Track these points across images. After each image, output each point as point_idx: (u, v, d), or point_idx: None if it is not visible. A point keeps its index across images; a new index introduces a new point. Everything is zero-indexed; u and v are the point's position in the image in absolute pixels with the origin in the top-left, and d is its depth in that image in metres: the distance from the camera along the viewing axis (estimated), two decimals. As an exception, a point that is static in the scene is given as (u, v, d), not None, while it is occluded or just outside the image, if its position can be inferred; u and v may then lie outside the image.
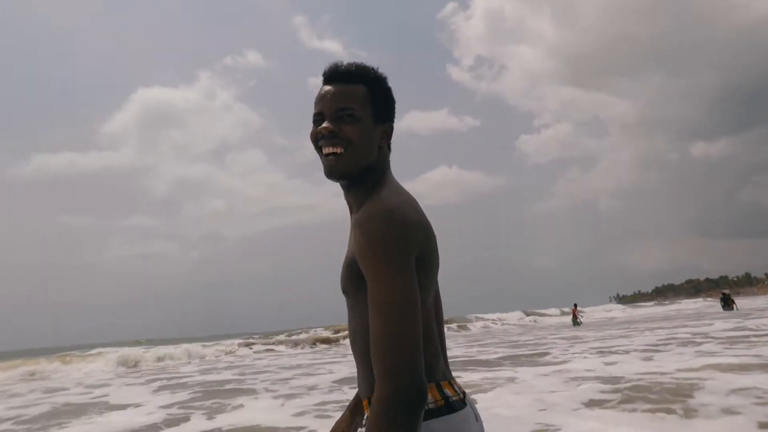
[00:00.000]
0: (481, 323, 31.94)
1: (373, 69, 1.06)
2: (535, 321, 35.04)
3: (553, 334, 18.40)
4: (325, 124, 1.00)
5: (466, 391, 1.06)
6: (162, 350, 16.95)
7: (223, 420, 5.71)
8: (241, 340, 22.82)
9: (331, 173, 1.01)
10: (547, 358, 9.89)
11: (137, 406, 7.24)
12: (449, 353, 1.09)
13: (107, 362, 14.19)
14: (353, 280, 0.97)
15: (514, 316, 36.49)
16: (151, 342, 24.86)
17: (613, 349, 10.41)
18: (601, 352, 10.00)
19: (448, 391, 0.98)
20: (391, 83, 1.08)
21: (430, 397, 0.94)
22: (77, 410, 7.13)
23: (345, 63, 1.05)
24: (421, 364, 0.84)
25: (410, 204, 0.97)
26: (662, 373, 6.57)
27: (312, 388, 7.92)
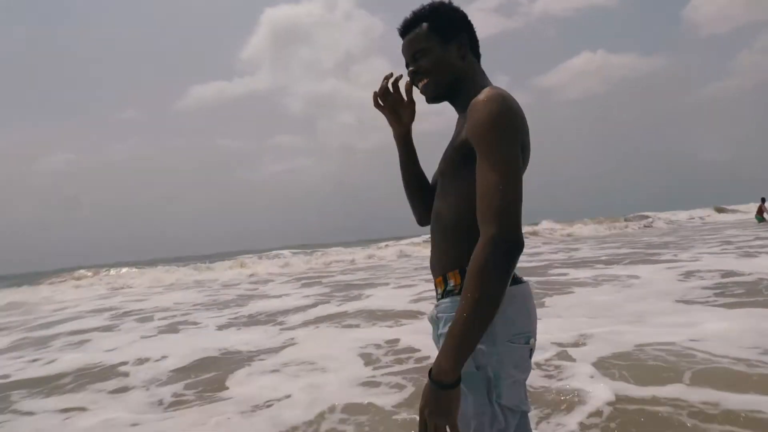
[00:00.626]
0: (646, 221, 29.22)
1: (430, 4, 1.20)
2: (702, 219, 30.53)
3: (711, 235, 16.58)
4: (408, 69, 1.24)
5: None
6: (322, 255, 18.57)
7: (350, 305, 6.85)
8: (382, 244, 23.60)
9: (428, 100, 1.23)
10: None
11: (288, 295, 8.91)
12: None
13: (270, 265, 16.77)
14: (456, 161, 1.11)
15: (689, 214, 31.90)
16: (306, 246, 28.18)
17: None
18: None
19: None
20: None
21: None
22: (242, 299, 9.03)
23: (408, 15, 1.22)
24: (519, 220, 0.98)
25: (511, 97, 1.08)
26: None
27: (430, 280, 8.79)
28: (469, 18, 1.21)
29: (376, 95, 1.34)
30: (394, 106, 1.35)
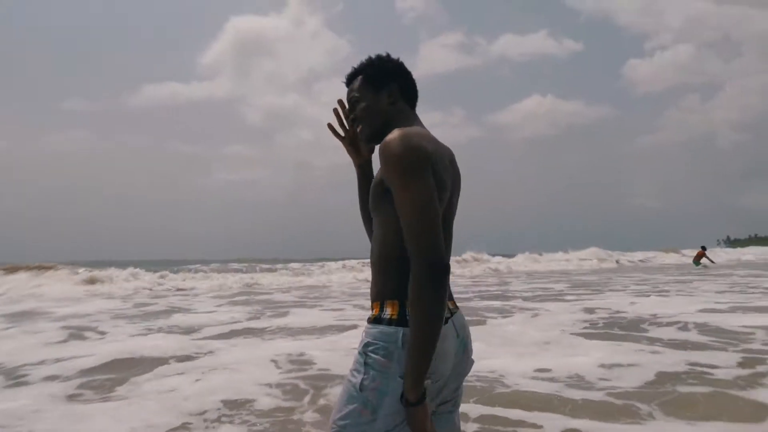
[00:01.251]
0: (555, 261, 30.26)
1: (367, 58, 1.35)
2: (617, 263, 31.57)
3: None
4: (350, 117, 1.40)
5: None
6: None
7: (270, 322, 7.12)
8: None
9: (365, 142, 1.40)
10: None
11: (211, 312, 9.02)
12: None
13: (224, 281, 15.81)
14: (378, 197, 1.19)
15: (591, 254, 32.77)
16: (252, 260, 27.43)
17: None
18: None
19: None
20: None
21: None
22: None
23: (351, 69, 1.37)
24: (442, 246, 1.07)
25: (421, 134, 1.18)
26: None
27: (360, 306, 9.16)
28: (405, 67, 1.36)
29: (331, 126, 1.46)
30: (352, 137, 1.44)
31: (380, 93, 1.31)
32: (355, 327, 6.35)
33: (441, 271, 1.06)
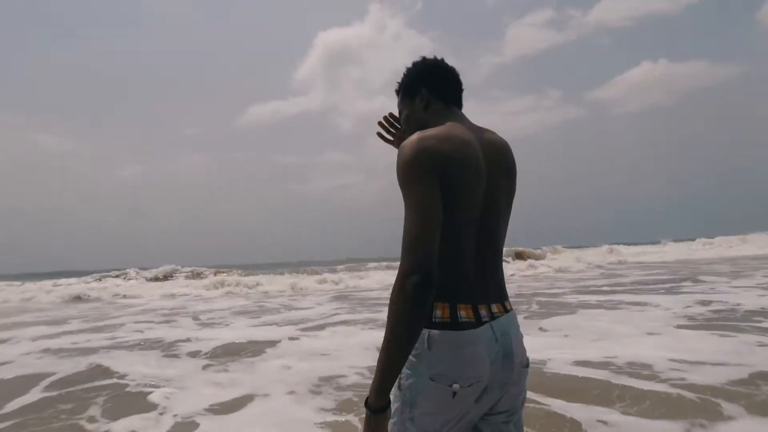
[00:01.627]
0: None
1: (404, 73, 1.37)
2: None
3: None
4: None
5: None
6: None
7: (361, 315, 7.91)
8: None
9: None
10: None
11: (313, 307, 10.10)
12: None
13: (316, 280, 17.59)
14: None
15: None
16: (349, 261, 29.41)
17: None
18: None
19: (463, 314, 1.11)
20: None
21: (438, 313, 1.09)
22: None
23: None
24: (429, 254, 1.02)
25: (438, 134, 1.13)
26: None
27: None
28: (439, 65, 1.34)
29: (380, 134, 1.51)
30: (401, 139, 1.43)
31: (414, 100, 1.34)
32: None
33: (420, 281, 1.00)
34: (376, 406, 1.05)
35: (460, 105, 1.35)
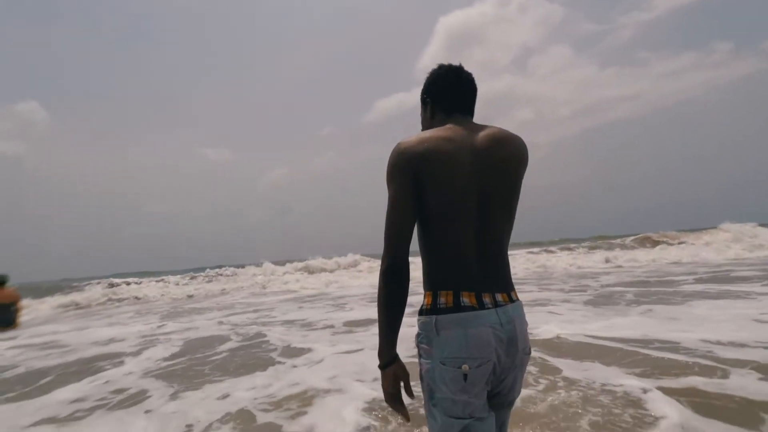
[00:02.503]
0: None
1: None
2: None
3: None
4: None
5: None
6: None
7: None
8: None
9: None
10: None
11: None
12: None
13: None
14: None
15: None
16: None
17: None
18: None
19: (466, 300, 1.20)
20: None
21: (442, 300, 1.21)
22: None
23: None
24: (394, 248, 1.20)
25: (417, 137, 1.26)
26: None
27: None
28: (447, 75, 1.39)
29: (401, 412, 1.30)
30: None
31: (425, 109, 1.45)
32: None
33: (390, 268, 1.19)
34: (381, 364, 1.25)
35: (467, 110, 1.40)
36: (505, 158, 1.27)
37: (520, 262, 16.67)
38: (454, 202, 1.21)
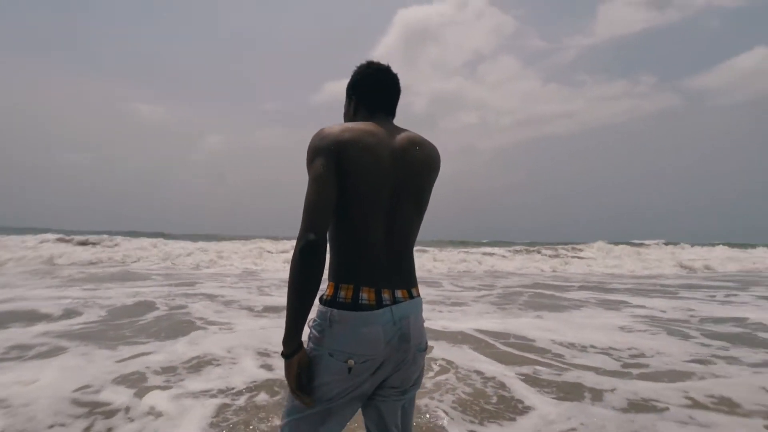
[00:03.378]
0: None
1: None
2: None
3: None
4: None
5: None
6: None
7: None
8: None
9: None
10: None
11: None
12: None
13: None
14: None
15: None
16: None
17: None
18: None
19: (365, 296, 1.21)
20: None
21: (342, 294, 1.21)
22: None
23: None
24: (315, 225, 1.14)
25: (342, 125, 1.28)
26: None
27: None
28: (374, 73, 1.43)
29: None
30: None
31: (349, 104, 1.47)
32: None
33: (308, 246, 1.12)
34: (286, 352, 1.19)
35: (389, 111, 1.44)
36: (420, 161, 1.32)
37: (422, 260, 16.85)
38: (369, 194, 1.24)
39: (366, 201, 1.23)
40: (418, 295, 1.33)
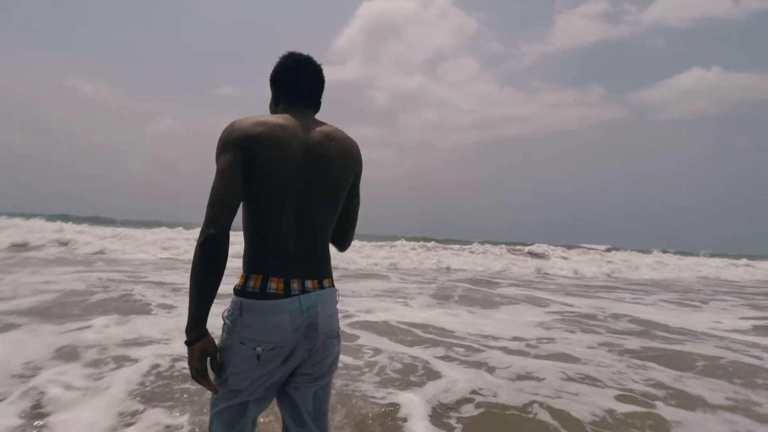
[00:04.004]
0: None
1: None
2: None
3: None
4: None
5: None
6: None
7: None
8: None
9: None
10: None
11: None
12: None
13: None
14: None
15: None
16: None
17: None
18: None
19: (273, 285, 1.24)
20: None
21: (251, 284, 1.25)
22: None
23: None
24: (217, 220, 1.18)
25: (253, 118, 1.28)
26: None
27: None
28: (294, 66, 1.42)
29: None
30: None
31: (272, 96, 1.48)
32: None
33: (208, 239, 1.16)
34: (189, 339, 1.23)
35: (310, 102, 1.45)
36: (335, 156, 1.33)
37: (380, 254, 17.57)
38: (278, 188, 1.25)
39: (275, 194, 1.26)
40: (331, 286, 1.38)
